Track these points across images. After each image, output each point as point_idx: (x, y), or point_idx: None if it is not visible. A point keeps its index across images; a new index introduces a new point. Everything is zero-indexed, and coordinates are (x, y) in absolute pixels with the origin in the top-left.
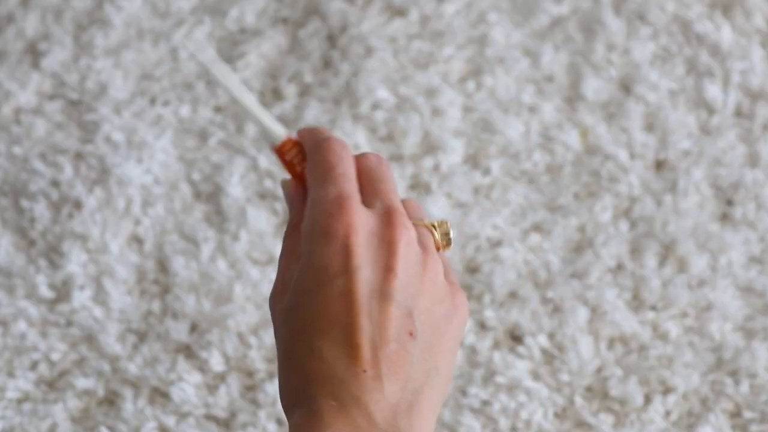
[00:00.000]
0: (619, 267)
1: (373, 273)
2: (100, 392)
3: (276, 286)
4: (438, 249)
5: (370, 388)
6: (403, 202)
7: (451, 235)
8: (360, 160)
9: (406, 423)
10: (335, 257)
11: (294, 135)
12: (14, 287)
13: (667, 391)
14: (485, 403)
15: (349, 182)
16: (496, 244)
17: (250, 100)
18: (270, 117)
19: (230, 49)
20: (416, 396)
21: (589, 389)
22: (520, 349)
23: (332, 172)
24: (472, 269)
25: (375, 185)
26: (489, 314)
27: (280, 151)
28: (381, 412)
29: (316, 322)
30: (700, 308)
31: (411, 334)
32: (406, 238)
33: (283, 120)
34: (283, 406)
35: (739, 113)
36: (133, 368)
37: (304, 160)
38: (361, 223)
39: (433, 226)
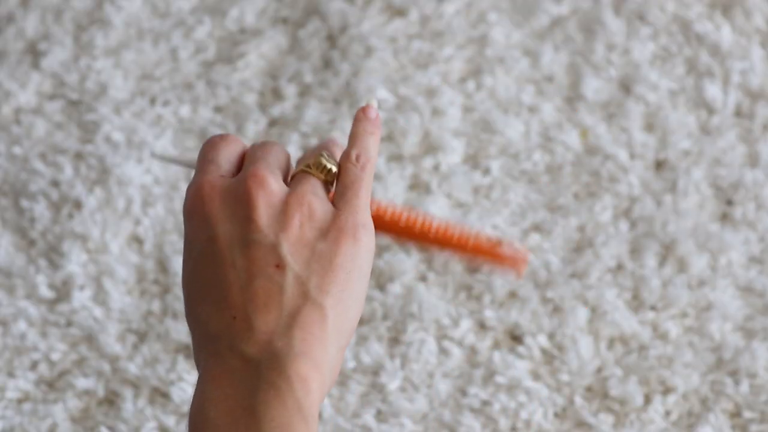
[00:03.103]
0: (619, 267)
1: (232, 226)
2: (100, 392)
3: None
4: (327, 184)
5: (240, 330)
6: (299, 159)
7: (326, 163)
8: (250, 147)
9: (284, 342)
10: (198, 229)
11: None
12: (14, 287)
13: (667, 391)
14: (485, 403)
15: (211, 165)
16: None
17: None
18: None
19: (230, 49)
20: (293, 317)
21: (589, 389)
22: (520, 349)
23: (200, 161)
24: (472, 269)
25: (248, 160)
26: (489, 314)
27: None
28: (254, 345)
29: (195, 293)
30: (700, 308)
31: (278, 266)
32: (260, 187)
33: (283, 120)
34: None
35: (739, 113)
36: (133, 368)
37: None
38: (215, 191)
39: (308, 166)
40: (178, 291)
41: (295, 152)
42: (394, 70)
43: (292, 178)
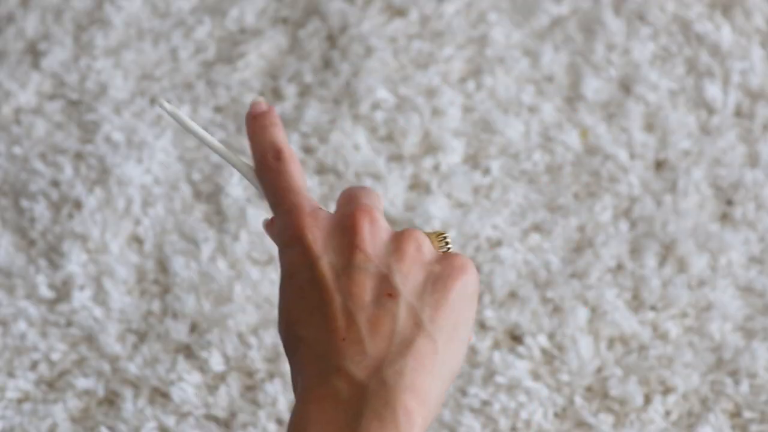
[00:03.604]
0: (619, 267)
1: (336, 256)
2: (100, 392)
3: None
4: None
5: (350, 352)
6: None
7: (449, 243)
8: (346, 189)
9: (393, 371)
10: (297, 257)
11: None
12: (14, 287)
13: (667, 391)
14: (485, 403)
15: (297, 194)
16: (496, 244)
17: (235, 156)
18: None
19: (230, 49)
20: (405, 346)
21: (589, 389)
22: (520, 349)
23: (281, 190)
24: None
25: (349, 197)
26: (489, 314)
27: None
28: (364, 369)
29: (296, 316)
30: (700, 308)
31: (390, 294)
32: (369, 218)
33: (283, 120)
34: None
35: (739, 113)
36: (133, 368)
37: None
38: (316, 222)
39: (429, 234)
40: (179, 291)
41: (295, 152)
42: (394, 70)
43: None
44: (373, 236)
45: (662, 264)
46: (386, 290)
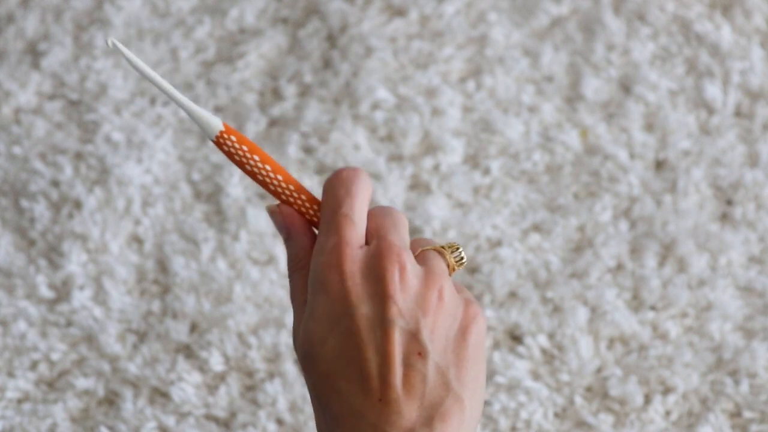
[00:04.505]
0: (619, 267)
1: (371, 306)
2: (100, 392)
3: (294, 330)
4: (451, 271)
5: (385, 413)
6: (413, 238)
7: (462, 255)
8: (370, 210)
9: (425, 431)
10: (335, 304)
11: (227, 122)
12: (14, 287)
13: (667, 391)
14: (485, 403)
15: (350, 225)
16: (496, 244)
17: (182, 96)
18: (203, 110)
19: (230, 49)
20: (436, 408)
21: (588, 389)
22: (520, 349)
23: (337, 213)
24: (472, 269)
25: (377, 225)
26: (489, 314)
27: (218, 142)
28: (398, 429)
29: (333, 367)
30: (699, 308)
31: (420, 354)
32: (398, 265)
33: (283, 120)
34: None
35: (738, 113)
36: (133, 368)
37: (251, 152)
38: (354, 267)
39: (443, 248)
40: (178, 291)
41: (295, 152)
42: (394, 70)
43: (420, 253)
44: (403, 285)
45: (662, 264)
46: (416, 349)
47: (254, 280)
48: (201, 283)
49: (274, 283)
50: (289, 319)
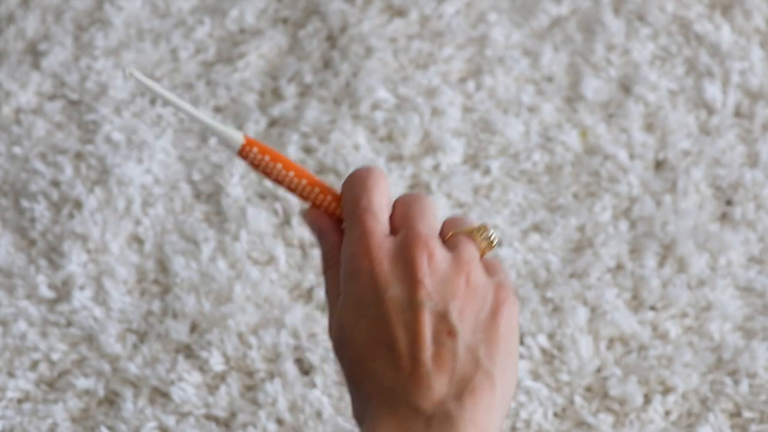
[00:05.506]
0: (619, 267)
1: (401, 290)
2: (100, 392)
3: (329, 322)
4: (482, 253)
5: (416, 387)
6: (447, 219)
7: (492, 235)
8: (399, 197)
9: (456, 404)
10: (366, 290)
11: (248, 135)
12: (14, 287)
13: (666, 391)
14: None
15: (371, 217)
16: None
17: (203, 114)
18: (223, 126)
19: (230, 49)
20: (466, 383)
21: (588, 389)
22: (520, 349)
23: (357, 208)
24: None
25: (405, 213)
26: None
27: (242, 155)
28: (429, 402)
29: (365, 349)
30: (699, 308)
31: (449, 333)
32: (426, 252)
33: (283, 120)
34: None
35: (738, 113)
36: (133, 368)
37: (273, 161)
38: (383, 253)
39: (473, 231)
40: (179, 291)
41: (295, 152)
42: (394, 70)
43: (450, 238)
44: (431, 270)
45: (662, 264)
46: (445, 328)
47: (254, 280)
48: (201, 283)
49: (274, 283)
50: (289, 318)
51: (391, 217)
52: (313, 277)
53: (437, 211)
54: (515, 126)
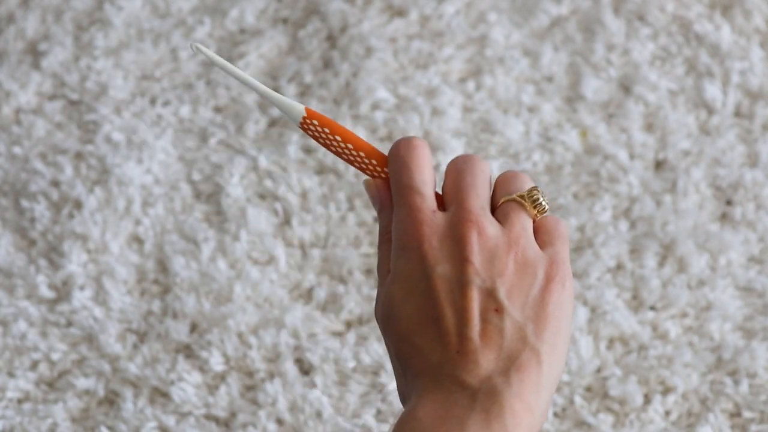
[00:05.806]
0: (619, 267)
1: (450, 267)
2: (100, 392)
3: (378, 296)
4: (533, 219)
5: (462, 363)
6: (499, 177)
7: (542, 199)
8: (451, 162)
9: (502, 380)
10: (415, 266)
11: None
12: (14, 287)
13: (666, 391)
14: None
15: (417, 195)
16: None
17: (265, 87)
18: (286, 98)
19: (230, 49)
20: (512, 360)
21: (588, 389)
22: None
23: (400, 186)
24: None
25: (456, 185)
26: None
27: (303, 127)
28: (475, 377)
29: (412, 325)
30: (699, 308)
31: (497, 310)
32: (476, 229)
33: (283, 120)
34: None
35: (738, 113)
36: (133, 368)
37: (332, 133)
38: (431, 230)
39: (522, 197)
40: (179, 291)
41: (295, 152)
42: (394, 70)
43: (501, 205)
44: (481, 248)
45: (662, 264)
46: (493, 306)
47: (254, 280)
48: (201, 283)
49: (274, 283)
50: (289, 318)
51: (444, 186)
52: (313, 277)
53: (488, 174)
54: (515, 126)
